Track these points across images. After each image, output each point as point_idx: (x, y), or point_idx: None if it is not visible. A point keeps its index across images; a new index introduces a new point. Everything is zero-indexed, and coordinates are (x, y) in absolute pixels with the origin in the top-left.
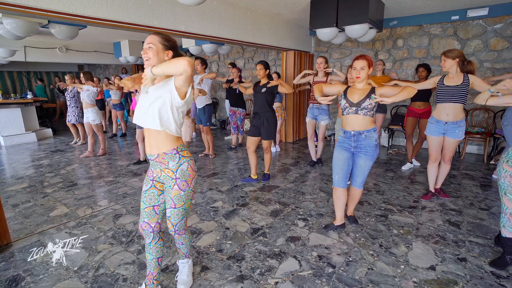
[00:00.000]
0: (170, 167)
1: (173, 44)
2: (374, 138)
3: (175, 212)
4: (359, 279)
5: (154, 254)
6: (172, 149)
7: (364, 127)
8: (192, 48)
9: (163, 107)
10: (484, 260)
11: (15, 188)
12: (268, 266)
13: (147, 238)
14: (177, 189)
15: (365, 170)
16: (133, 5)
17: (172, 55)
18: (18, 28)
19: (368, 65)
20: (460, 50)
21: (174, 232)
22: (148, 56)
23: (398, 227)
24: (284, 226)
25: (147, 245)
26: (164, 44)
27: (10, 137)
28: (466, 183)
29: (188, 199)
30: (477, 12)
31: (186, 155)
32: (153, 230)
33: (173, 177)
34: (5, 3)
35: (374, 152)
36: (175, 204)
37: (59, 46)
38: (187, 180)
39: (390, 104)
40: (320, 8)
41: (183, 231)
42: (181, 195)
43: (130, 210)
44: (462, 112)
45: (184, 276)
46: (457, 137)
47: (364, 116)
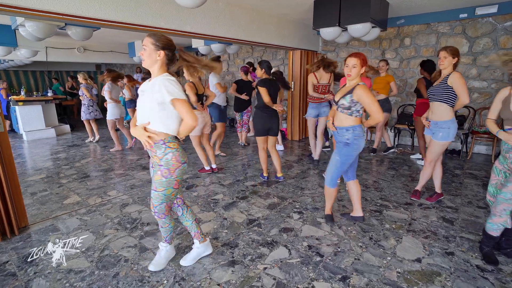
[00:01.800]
0: (158, 155)
1: (164, 44)
2: (346, 136)
3: (155, 195)
4: (344, 268)
5: (190, 218)
6: (159, 139)
7: (339, 124)
8: (201, 48)
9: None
10: (472, 255)
11: (34, 178)
12: (259, 253)
13: (178, 212)
14: (159, 175)
15: (332, 163)
16: (141, 7)
17: (165, 55)
18: (38, 30)
19: (360, 64)
20: None
21: (154, 213)
22: (143, 57)
23: (391, 222)
24: (280, 218)
25: (181, 216)
26: (156, 44)
27: (32, 132)
28: (467, 182)
29: (169, 186)
30: (486, 10)
31: (172, 146)
32: (179, 205)
33: (159, 163)
34: (27, 8)
35: (342, 148)
36: (156, 187)
37: (78, 46)
38: (170, 168)
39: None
40: (323, 8)
41: (162, 215)
42: (162, 181)
43: (137, 200)
44: (445, 113)
45: (157, 259)
46: (436, 139)
47: (340, 113)
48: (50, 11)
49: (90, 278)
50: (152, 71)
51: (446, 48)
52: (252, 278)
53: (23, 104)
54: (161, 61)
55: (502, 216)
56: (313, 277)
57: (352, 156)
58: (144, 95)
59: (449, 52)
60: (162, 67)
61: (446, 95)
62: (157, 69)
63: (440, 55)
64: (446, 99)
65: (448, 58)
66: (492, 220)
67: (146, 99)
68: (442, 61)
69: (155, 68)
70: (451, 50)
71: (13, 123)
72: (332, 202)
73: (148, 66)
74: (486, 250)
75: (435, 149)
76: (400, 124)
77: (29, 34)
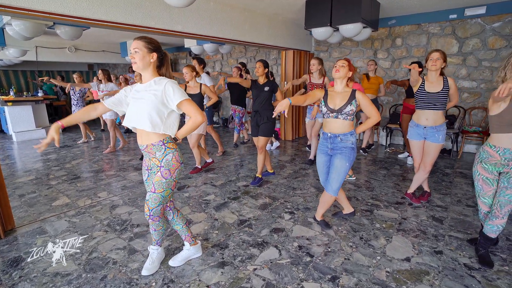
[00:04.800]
0: (157, 156)
1: (156, 46)
2: (351, 141)
3: (153, 197)
4: (334, 268)
5: (181, 222)
6: (159, 141)
7: (341, 131)
8: (194, 48)
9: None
10: (460, 253)
11: (23, 180)
12: (249, 254)
13: (168, 216)
14: (160, 176)
15: (341, 171)
16: (131, 6)
17: (157, 57)
18: (26, 29)
19: (348, 66)
20: None
21: (149, 216)
22: (135, 60)
23: (381, 221)
24: (271, 218)
25: (171, 220)
26: (148, 47)
27: (22, 133)
28: (457, 181)
29: (168, 187)
30: (474, 11)
31: (171, 146)
32: (170, 208)
33: (158, 165)
34: (11, 6)
35: (351, 153)
36: (155, 189)
37: (69, 46)
38: (170, 169)
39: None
40: (315, 8)
41: (157, 218)
42: (162, 182)
43: (127, 201)
44: (442, 117)
45: (150, 263)
46: (438, 141)
47: (343, 121)
48: (37, 10)
49: (77, 282)
50: (144, 73)
51: (439, 50)
52: (242, 279)
53: (12, 104)
54: (154, 63)
55: (504, 217)
56: (303, 277)
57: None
58: (142, 97)
59: (441, 55)
60: (154, 69)
61: (445, 103)
62: (151, 71)
63: (433, 56)
64: (445, 106)
65: (440, 60)
66: (493, 222)
67: (144, 102)
68: (435, 62)
69: (149, 71)
70: (444, 54)
71: (2, 123)
72: (326, 209)
73: (141, 69)
74: (482, 252)
75: (435, 152)
76: (392, 123)
77: (17, 33)
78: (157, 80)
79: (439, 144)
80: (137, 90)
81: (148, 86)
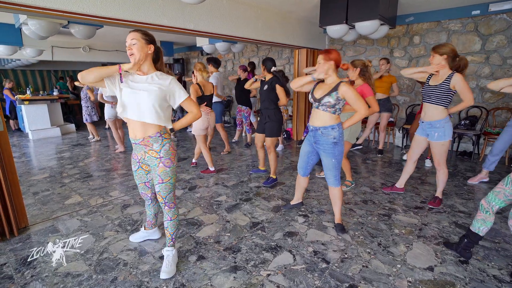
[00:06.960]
0: (155, 148)
1: (152, 38)
2: (332, 136)
3: (163, 187)
4: (352, 275)
5: (152, 211)
6: (156, 132)
7: (322, 123)
8: (206, 47)
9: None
10: (488, 264)
11: (37, 177)
12: (263, 259)
13: (146, 201)
14: (163, 166)
15: (330, 167)
16: (143, 4)
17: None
18: (41, 29)
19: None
20: (452, 46)
21: (165, 204)
22: (133, 51)
23: (400, 226)
24: (284, 221)
25: (147, 205)
26: (146, 39)
27: (37, 131)
28: (480, 186)
29: (173, 174)
30: (500, 6)
31: (167, 136)
32: (150, 197)
33: (157, 156)
34: (27, 5)
35: (334, 149)
36: (163, 179)
37: (83, 46)
38: (170, 157)
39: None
40: (330, 4)
41: (172, 204)
42: (167, 171)
43: (138, 201)
44: (440, 113)
45: (168, 266)
46: (433, 139)
47: (324, 112)
48: (51, 8)
49: (88, 283)
50: (142, 66)
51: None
52: (255, 286)
53: (28, 103)
54: (151, 55)
55: None
56: (319, 285)
57: (343, 152)
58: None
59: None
60: (151, 62)
61: (445, 98)
62: (148, 63)
63: None
64: (443, 102)
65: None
66: None
67: (147, 94)
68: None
69: (146, 63)
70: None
71: (19, 122)
72: (340, 206)
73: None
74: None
75: (437, 151)
76: (408, 124)
77: (33, 32)
78: (159, 75)
79: (438, 142)
80: (136, 81)
81: (151, 79)
